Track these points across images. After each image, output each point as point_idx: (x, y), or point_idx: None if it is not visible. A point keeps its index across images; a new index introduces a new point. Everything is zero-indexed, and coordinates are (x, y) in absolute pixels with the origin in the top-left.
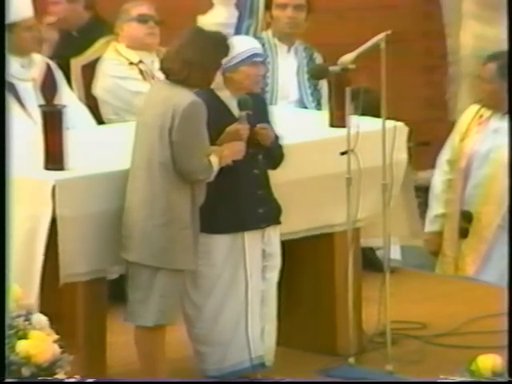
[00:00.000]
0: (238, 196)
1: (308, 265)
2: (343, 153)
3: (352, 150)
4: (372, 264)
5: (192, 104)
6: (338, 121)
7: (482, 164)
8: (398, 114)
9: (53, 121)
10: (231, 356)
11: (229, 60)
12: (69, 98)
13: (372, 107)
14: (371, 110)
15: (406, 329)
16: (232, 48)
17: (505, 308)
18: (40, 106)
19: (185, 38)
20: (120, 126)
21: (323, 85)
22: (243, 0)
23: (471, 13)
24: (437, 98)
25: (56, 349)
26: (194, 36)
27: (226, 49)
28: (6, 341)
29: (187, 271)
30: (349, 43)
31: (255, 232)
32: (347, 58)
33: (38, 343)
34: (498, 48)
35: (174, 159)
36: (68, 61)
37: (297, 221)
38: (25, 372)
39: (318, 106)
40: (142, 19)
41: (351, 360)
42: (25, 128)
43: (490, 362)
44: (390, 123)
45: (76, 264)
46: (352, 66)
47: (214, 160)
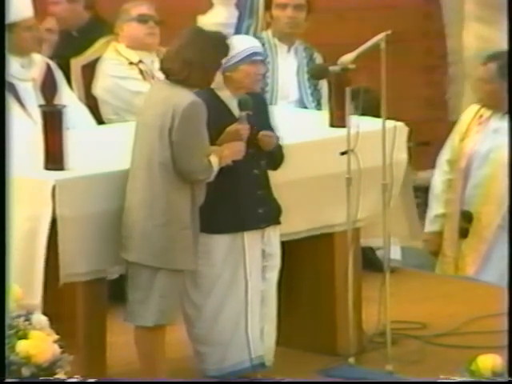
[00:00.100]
0: (238, 196)
1: (308, 265)
2: (343, 153)
3: (352, 150)
4: (372, 264)
5: (192, 104)
6: (338, 121)
7: (482, 164)
8: (398, 114)
9: (53, 121)
10: (231, 356)
11: (228, 59)
12: (69, 98)
13: (372, 107)
14: (371, 110)
15: (406, 329)
16: (232, 48)
17: (505, 308)
18: (40, 106)
19: (185, 38)
20: (120, 126)
21: (323, 85)
22: (243, 0)
23: (473, 14)
24: (437, 98)
25: (56, 349)
26: (194, 36)
27: (226, 49)
28: (6, 341)
29: (187, 271)
30: (349, 43)
31: (255, 232)
32: (347, 58)
33: (38, 343)
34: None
35: (174, 159)
36: (68, 61)
37: (297, 221)
38: (25, 372)
39: (318, 106)
40: (142, 19)
41: (351, 360)
42: (25, 128)
43: (490, 362)
44: (390, 123)
45: (76, 264)
46: (352, 66)
47: (214, 160)
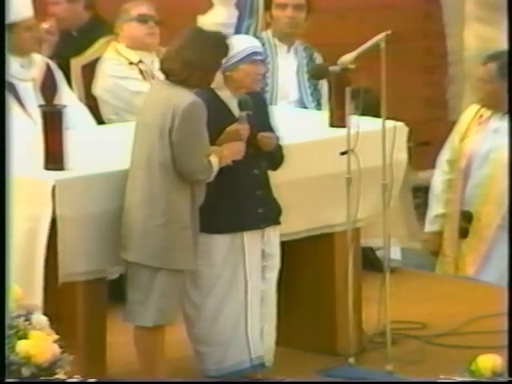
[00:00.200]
0: (238, 196)
1: (308, 265)
2: (343, 153)
3: (352, 150)
4: (372, 264)
5: (192, 104)
6: (338, 121)
7: (482, 164)
8: (398, 114)
9: (53, 121)
10: (231, 356)
11: (228, 59)
12: (69, 98)
13: (372, 107)
14: (371, 110)
15: (406, 329)
16: (232, 47)
17: (505, 308)
18: (40, 106)
19: (185, 38)
20: (120, 126)
21: (323, 85)
22: (243, 0)
23: (474, 14)
24: (437, 98)
25: (56, 349)
26: (194, 36)
27: (226, 49)
28: (6, 341)
29: (187, 271)
30: (349, 43)
31: (255, 232)
32: (347, 58)
33: (38, 343)
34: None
35: (174, 159)
36: (68, 61)
37: (297, 221)
38: (25, 372)
39: (318, 106)
40: (142, 19)
41: (351, 360)
42: (25, 128)
43: (490, 362)
44: (390, 123)
45: (76, 264)
46: (352, 66)
47: (214, 160)
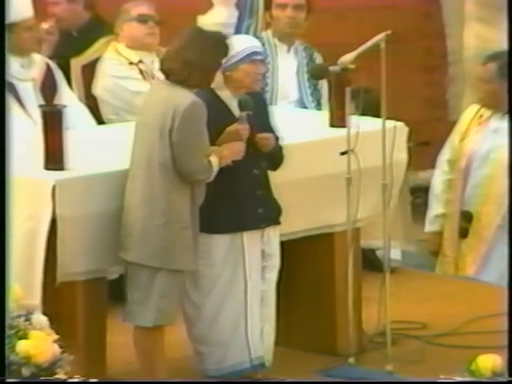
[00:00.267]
0: (238, 196)
1: (308, 265)
2: (343, 153)
3: (352, 150)
4: (372, 264)
5: (192, 104)
6: (338, 121)
7: (482, 164)
8: (398, 114)
9: (53, 121)
10: (231, 356)
11: (228, 59)
12: (69, 98)
13: (372, 107)
14: (371, 110)
15: (406, 329)
16: (232, 47)
17: (505, 308)
18: (40, 106)
19: (185, 38)
20: (120, 126)
21: (323, 85)
22: (243, 0)
23: (474, 14)
24: (437, 98)
25: (56, 349)
26: (194, 36)
27: (226, 49)
28: (6, 341)
29: (187, 271)
30: (349, 43)
31: (255, 232)
32: (347, 58)
33: (38, 343)
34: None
35: (174, 159)
36: (68, 61)
37: (297, 221)
38: (25, 372)
39: (318, 106)
40: (142, 19)
41: (351, 360)
42: (25, 128)
43: (490, 362)
44: (390, 123)
45: (75, 263)
46: (352, 66)
47: (214, 160)
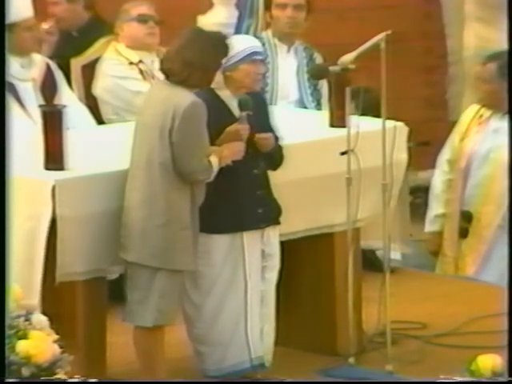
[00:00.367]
0: (238, 196)
1: (308, 265)
2: (343, 153)
3: (352, 150)
4: (372, 264)
5: (192, 104)
6: (338, 121)
7: (482, 164)
8: (398, 114)
9: (53, 121)
10: (231, 356)
11: (228, 59)
12: (69, 98)
13: (372, 107)
14: (371, 110)
15: (406, 329)
16: (232, 47)
17: (505, 308)
18: (40, 106)
19: (185, 38)
20: (120, 126)
21: (323, 85)
22: (243, 0)
23: (474, 14)
24: (437, 98)
25: (56, 349)
26: (194, 36)
27: (226, 49)
28: (6, 341)
29: (187, 271)
30: (349, 43)
31: (254, 232)
32: (347, 58)
33: (38, 343)
34: (501, 49)
35: (174, 159)
36: (68, 61)
37: (297, 221)
38: (25, 372)
39: (318, 106)
40: (142, 19)
41: (351, 360)
42: (25, 128)
43: (490, 362)
44: (390, 123)
45: (75, 263)
46: (352, 66)
47: (214, 160)
